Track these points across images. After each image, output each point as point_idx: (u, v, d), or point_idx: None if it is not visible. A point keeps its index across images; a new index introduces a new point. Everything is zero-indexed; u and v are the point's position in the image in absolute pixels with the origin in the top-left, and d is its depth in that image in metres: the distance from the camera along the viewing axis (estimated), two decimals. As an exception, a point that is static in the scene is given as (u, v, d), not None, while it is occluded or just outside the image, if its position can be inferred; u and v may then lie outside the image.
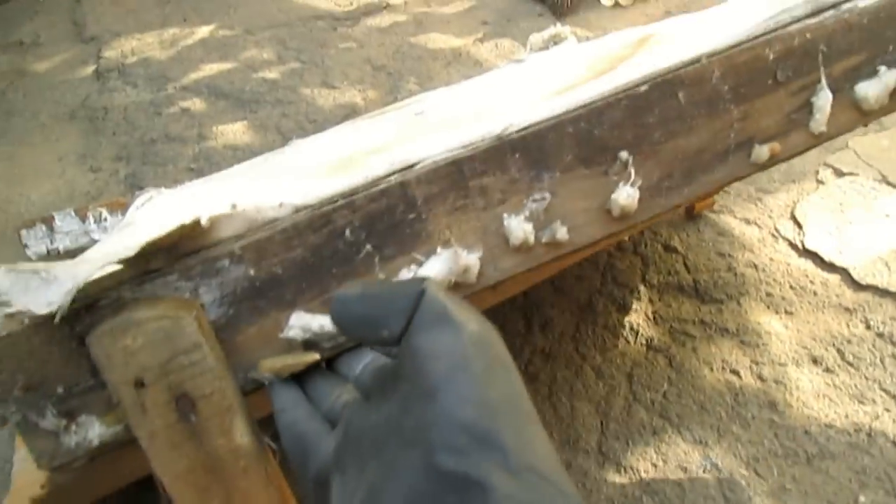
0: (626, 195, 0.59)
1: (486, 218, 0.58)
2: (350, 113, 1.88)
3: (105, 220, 1.47)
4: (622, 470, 1.06)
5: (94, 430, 0.53)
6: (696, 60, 0.62)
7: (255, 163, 1.42)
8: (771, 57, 0.63)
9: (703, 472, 1.04)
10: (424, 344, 0.35)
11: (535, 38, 1.55)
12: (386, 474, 0.35)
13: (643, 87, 0.60)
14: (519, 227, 0.58)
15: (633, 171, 0.60)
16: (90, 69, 2.22)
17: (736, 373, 1.15)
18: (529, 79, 1.26)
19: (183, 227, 0.51)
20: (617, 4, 2.21)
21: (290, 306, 0.55)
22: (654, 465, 1.06)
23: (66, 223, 1.47)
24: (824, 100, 0.65)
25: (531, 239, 0.59)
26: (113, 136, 1.94)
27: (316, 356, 0.53)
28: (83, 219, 1.48)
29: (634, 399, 1.15)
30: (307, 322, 0.54)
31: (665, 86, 0.61)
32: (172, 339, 0.49)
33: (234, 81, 2.08)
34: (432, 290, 0.36)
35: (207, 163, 1.80)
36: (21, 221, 1.67)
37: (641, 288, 1.31)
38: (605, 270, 1.34)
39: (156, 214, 1.13)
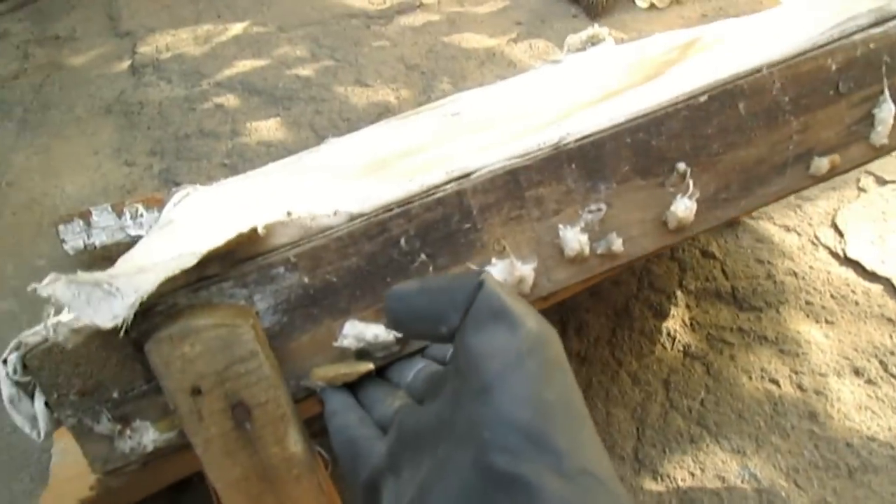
0: (683, 208, 0.59)
1: (540, 228, 0.58)
2: (383, 112, 1.88)
3: (141, 215, 1.48)
4: (658, 477, 1.05)
5: (149, 436, 0.53)
6: (757, 70, 0.61)
7: (290, 161, 1.42)
8: (833, 67, 0.62)
9: (742, 481, 1.03)
10: (480, 340, 0.34)
11: (573, 38, 1.54)
12: (437, 472, 0.34)
13: (703, 98, 0.59)
14: (574, 239, 0.57)
15: (691, 183, 0.59)
16: (125, 64, 2.23)
17: (775, 382, 1.14)
18: (570, 81, 1.25)
19: (240, 236, 0.51)
20: (653, 6, 2.19)
21: (344, 315, 0.55)
22: (692, 474, 1.05)
23: (102, 218, 1.48)
24: (887, 112, 0.63)
25: (586, 250, 0.58)
26: (148, 130, 1.95)
27: (370, 366, 0.53)
28: (119, 214, 1.49)
29: (671, 406, 1.14)
30: (361, 331, 0.54)
31: (725, 96, 0.60)
32: (230, 347, 0.49)
33: (267, 78, 2.08)
34: (490, 283, 0.35)
35: (241, 159, 1.81)
36: (56, 214, 1.69)
37: (679, 293, 1.30)
38: (642, 275, 1.33)
39: (195, 212, 1.14)
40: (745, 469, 1.04)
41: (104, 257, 1.53)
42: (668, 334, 1.24)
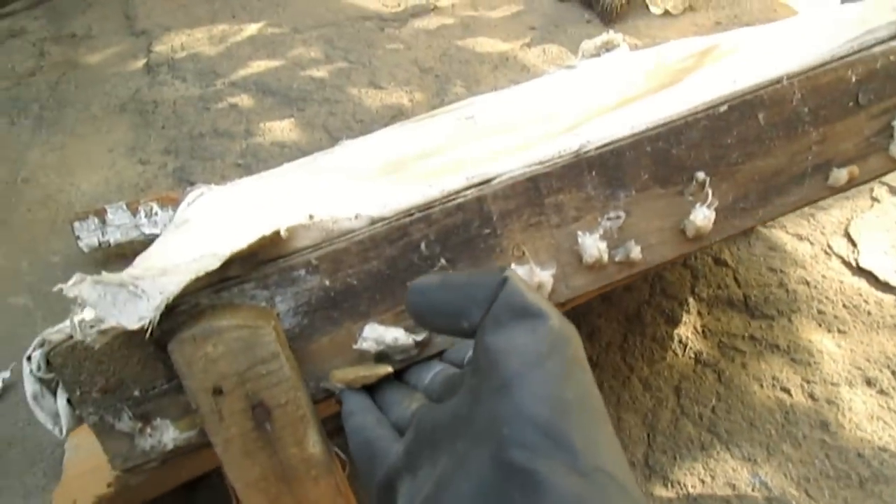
0: (702, 217, 0.59)
1: (560, 235, 0.58)
2: (397, 114, 1.88)
3: (156, 214, 1.49)
4: (669, 484, 1.05)
5: (169, 434, 0.54)
6: (777, 81, 0.61)
7: (304, 162, 1.43)
8: (853, 79, 0.62)
9: (752, 489, 1.03)
10: (501, 337, 0.34)
11: (588, 44, 1.54)
12: (455, 467, 0.34)
13: (723, 108, 0.60)
14: (593, 246, 0.58)
15: (710, 193, 0.59)
16: (141, 63, 2.24)
17: (786, 391, 1.14)
18: (586, 87, 1.25)
19: (263, 238, 0.52)
20: (667, 13, 2.19)
21: (364, 318, 0.55)
22: (702, 481, 1.05)
23: (117, 216, 1.49)
24: (906, 124, 0.64)
25: (605, 257, 0.58)
26: (162, 129, 1.96)
27: (389, 369, 0.53)
28: (134, 213, 1.50)
29: (682, 413, 1.14)
30: (381, 334, 0.54)
31: (745, 106, 0.60)
32: (252, 348, 0.49)
33: (281, 79, 2.09)
34: (513, 280, 0.36)
35: (255, 159, 1.81)
36: (71, 211, 1.70)
37: (690, 300, 1.30)
38: (654, 282, 1.33)
39: (210, 212, 1.14)
40: (756, 477, 1.04)
41: (118, 255, 1.54)
42: (680, 341, 1.24)
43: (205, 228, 0.97)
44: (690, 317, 1.27)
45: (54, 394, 0.53)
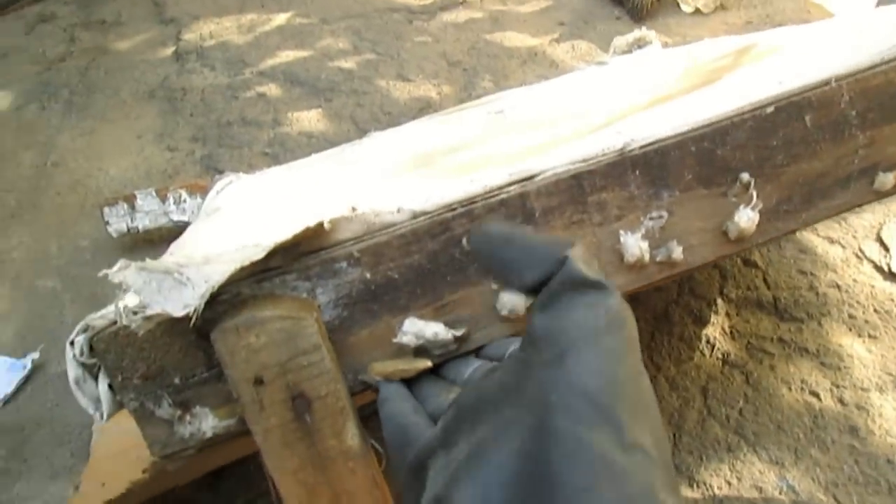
0: (746, 219, 0.58)
1: (601, 234, 0.58)
2: (424, 107, 1.88)
3: (184, 201, 1.50)
4: (695, 485, 1.05)
5: (208, 423, 0.54)
6: (826, 83, 0.60)
7: (332, 153, 1.43)
8: None
9: (780, 493, 1.02)
10: (559, 311, 0.35)
11: (620, 40, 1.53)
12: (496, 432, 0.35)
13: (769, 109, 0.59)
14: (635, 245, 0.57)
15: (754, 195, 0.59)
16: (170, 50, 2.25)
17: (815, 394, 1.13)
18: (618, 83, 1.25)
19: (307, 230, 0.52)
20: (698, 11, 2.17)
21: (404, 311, 0.55)
22: (728, 483, 1.05)
23: (146, 202, 1.50)
24: (955, 129, 0.62)
25: (646, 257, 0.58)
26: (190, 116, 1.97)
27: (427, 363, 0.53)
28: (163, 199, 1.51)
29: (709, 413, 1.13)
30: (420, 329, 0.54)
31: (792, 108, 0.59)
32: (293, 339, 0.49)
33: (309, 69, 2.09)
34: (577, 256, 0.36)
35: (282, 148, 1.82)
36: (100, 195, 1.72)
37: (719, 301, 1.29)
38: (683, 281, 1.32)
39: (241, 201, 1.15)
40: (784, 480, 1.04)
41: (146, 240, 1.55)
42: (708, 341, 1.23)
43: (236, 217, 0.98)
44: (719, 317, 1.26)
45: (96, 378, 0.54)
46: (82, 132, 1.95)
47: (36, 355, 1.31)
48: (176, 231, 1.42)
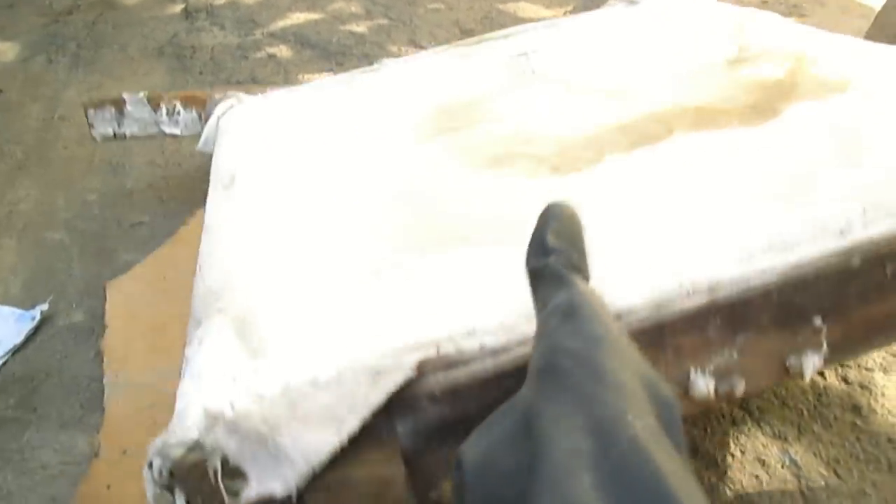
0: (812, 365, 0.61)
1: (673, 370, 0.60)
2: (436, 74, 1.87)
3: (178, 113, 1.44)
4: (699, 456, 1.06)
5: None
6: None
7: (342, 79, 1.41)
8: None
9: (782, 466, 1.04)
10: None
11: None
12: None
13: (856, 260, 0.60)
14: (703, 385, 0.60)
15: (824, 342, 0.61)
16: (179, 7, 2.24)
17: (820, 373, 1.14)
18: (655, 53, 1.23)
19: (396, 385, 0.54)
20: (713, -15, 2.15)
21: None
22: (732, 455, 1.06)
23: (136, 109, 1.44)
24: None
25: (712, 394, 0.60)
26: (200, 75, 1.96)
27: None
28: (155, 108, 1.44)
29: (714, 388, 1.14)
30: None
31: (876, 260, 0.60)
32: (381, 496, 0.52)
33: (320, 32, 2.08)
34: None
35: (291, 111, 1.81)
36: (108, 151, 1.70)
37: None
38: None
39: (258, 171, 1.11)
40: (786, 454, 1.05)
41: (132, 142, 1.51)
42: (715, 317, 1.24)
43: (258, 201, 0.96)
44: (726, 294, 1.27)
45: (172, 492, 0.54)
46: (90, 87, 1.94)
47: (45, 307, 1.31)
48: (166, 144, 1.34)
